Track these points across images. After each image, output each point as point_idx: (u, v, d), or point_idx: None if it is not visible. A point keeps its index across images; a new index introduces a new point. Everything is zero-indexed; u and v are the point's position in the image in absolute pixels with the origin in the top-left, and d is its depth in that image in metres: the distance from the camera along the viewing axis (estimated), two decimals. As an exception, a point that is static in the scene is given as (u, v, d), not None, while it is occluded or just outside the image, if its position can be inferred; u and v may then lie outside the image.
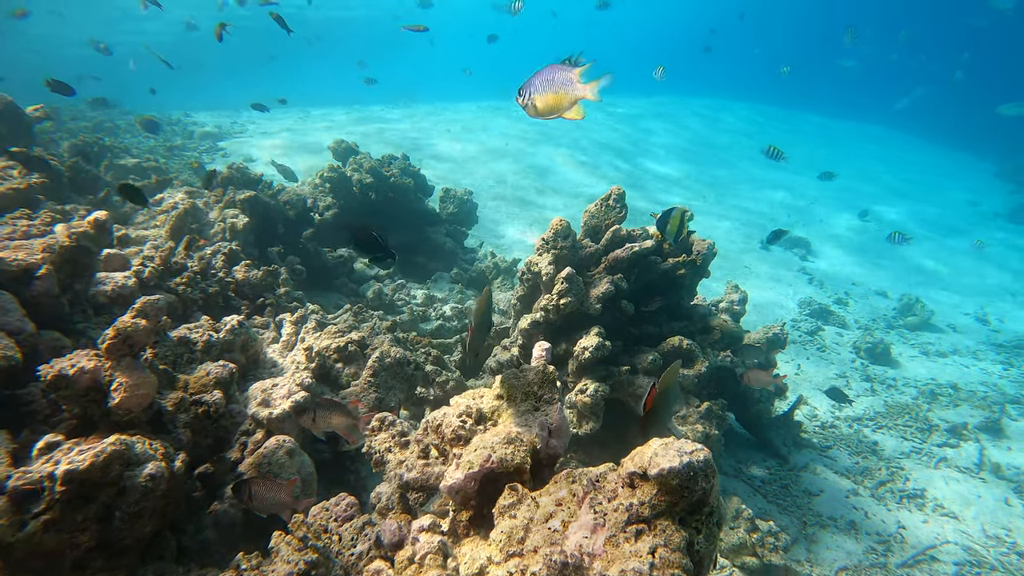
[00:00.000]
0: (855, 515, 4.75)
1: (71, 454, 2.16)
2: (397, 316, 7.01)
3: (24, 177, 4.93)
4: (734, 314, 6.25)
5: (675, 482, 1.48)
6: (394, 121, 18.92)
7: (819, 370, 7.59)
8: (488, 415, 2.22)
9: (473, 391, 2.39)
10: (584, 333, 4.74)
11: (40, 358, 2.80)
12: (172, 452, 2.46)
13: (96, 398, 2.45)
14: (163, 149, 11.63)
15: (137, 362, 2.48)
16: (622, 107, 24.81)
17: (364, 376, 4.31)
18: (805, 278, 11.18)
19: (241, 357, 3.73)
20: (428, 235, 8.63)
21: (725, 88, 32.58)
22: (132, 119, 12.44)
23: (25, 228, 3.25)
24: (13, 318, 2.65)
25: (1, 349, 2.39)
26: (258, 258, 6.28)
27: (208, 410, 2.71)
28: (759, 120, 27.27)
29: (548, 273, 4.70)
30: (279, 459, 3.13)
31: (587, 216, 5.21)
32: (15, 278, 2.86)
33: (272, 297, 4.96)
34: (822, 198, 16.59)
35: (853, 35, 13.59)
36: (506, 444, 1.97)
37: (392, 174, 8.23)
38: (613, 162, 17.00)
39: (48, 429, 2.54)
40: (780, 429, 5.97)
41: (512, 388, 2.25)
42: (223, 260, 4.83)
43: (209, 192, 6.96)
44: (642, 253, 4.87)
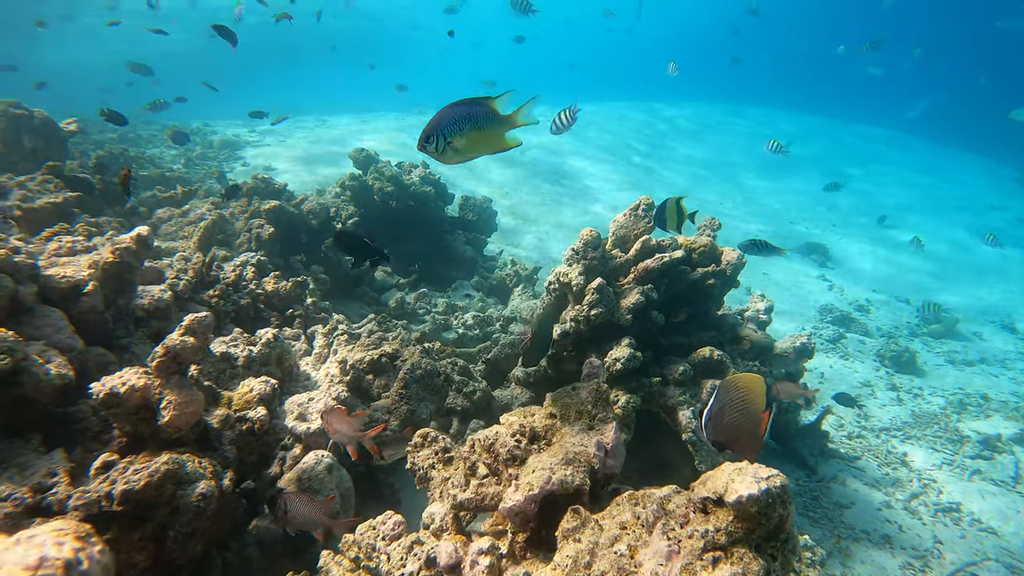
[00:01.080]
0: (889, 528, 4.69)
1: (127, 473, 2.17)
2: (420, 325, 7.02)
3: (60, 191, 4.98)
4: (760, 323, 6.20)
5: (754, 509, 1.46)
6: (415, 128, 18.92)
7: (843, 379, 7.52)
8: (541, 434, 2.21)
9: (523, 409, 2.38)
10: (614, 344, 4.72)
11: (88, 374, 2.82)
12: (220, 470, 2.47)
13: (146, 416, 2.46)
14: (184, 159, 11.73)
15: (185, 380, 2.49)
16: (639, 112, 24.81)
17: (395, 388, 4.32)
18: (824, 285, 11.09)
19: (276, 370, 3.74)
20: (448, 243, 8.64)
21: (737, 94, 32.44)
22: (164, 132, 12.56)
23: (70, 244, 3.27)
24: (64, 335, 2.67)
25: (56, 368, 2.41)
26: (283, 268, 6.32)
27: (253, 427, 2.71)
28: (778, 126, 27.14)
29: (578, 284, 4.69)
30: (318, 474, 3.13)
31: (615, 226, 5.20)
32: (64, 295, 2.89)
33: (301, 308, 4.98)
34: (840, 203, 16.47)
35: (871, 47, 13.47)
36: (565, 465, 1.96)
37: (412, 182, 8.25)
38: (630, 166, 16.97)
39: (99, 446, 2.55)
40: (807, 439, 5.92)
41: (566, 407, 2.24)
42: (253, 272, 4.86)
43: (233, 204, 7.01)
44: (672, 263, 4.84)
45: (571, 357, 5.03)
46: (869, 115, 31.68)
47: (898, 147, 26.62)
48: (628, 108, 26.28)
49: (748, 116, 28.24)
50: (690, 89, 30.48)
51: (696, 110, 27.32)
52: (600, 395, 2.23)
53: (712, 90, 33.03)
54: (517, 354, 5.87)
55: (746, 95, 32.96)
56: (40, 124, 6.33)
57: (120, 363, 3.09)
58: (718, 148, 21.44)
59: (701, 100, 29.96)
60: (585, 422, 2.18)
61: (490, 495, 2.13)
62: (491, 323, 7.33)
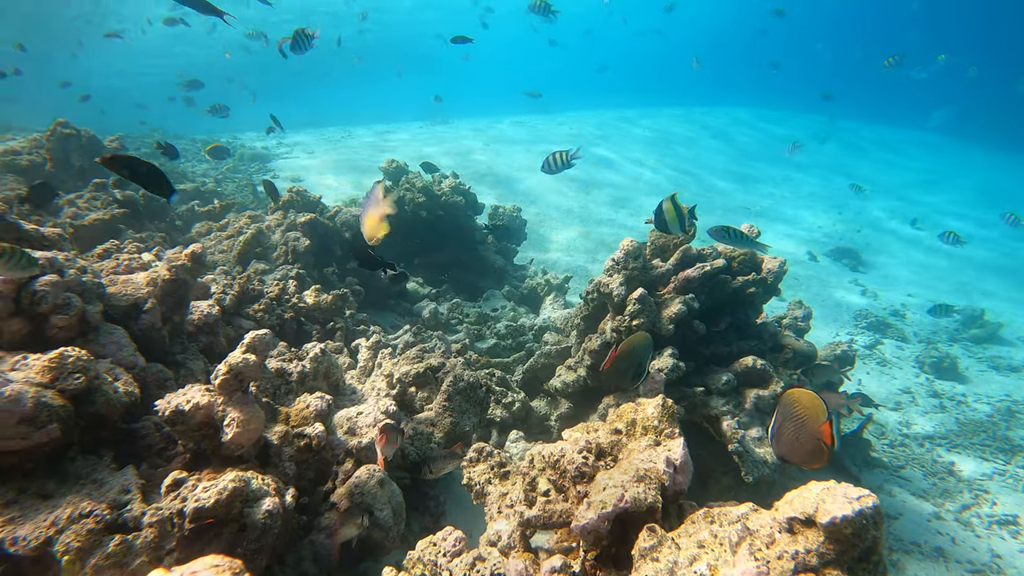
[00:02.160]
0: (941, 541, 4.58)
1: (196, 491, 2.20)
2: (453, 335, 7.05)
3: (108, 207, 5.09)
4: (798, 330, 6.12)
5: (848, 531, 1.44)
6: (454, 139, 19.03)
7: (881, 386, 7.38)
8: (607, 450, 2.20)
9: (586, 424, 2.37)
10: (656, 354, 4.69)
11: (148, 391, 2.87)
12: (282, 487, 2.49)
13: (209, 433, 2.49)
14: (217, 172, 11.93)
15: (248, 397, 2.52)
16: (662, 117, 24.73)
17: (438, 400, 4.33)
18: (858, 290, 10.92)
19: (323, 385, 3.77)
20: (479, 253, 8.67)
21: (760, 96, 32.19)
22: (193, 144, 12.81)
23: (127, 262, 3.34)
24: (127, 353, 2.72)
25: (123, 385, 2.45)
26: (318, 280, 6.38)
27: (310, 443, 2.74)
28: (804, 130, 26.88)
29: (619, 294, 4.67)
30: (371, 488, 3.15)
31: (654, 235, 5.18)
32: (125, 313, 2.95)
33: (342, 321, 5.02)
34: (869, 206, 16.23)
35: (895, 60, 13.22)
36: (636, 482, 1.94)
37: (443, 192, 8.30)
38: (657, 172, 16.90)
39: (162, 462, 2.59)
40: (849, 448, 5.82)
41: (631, 423, 2.23)
42: (294, 285, 4.91)
43: (273, 207, 7.10)
44: (712, 272, 4.81)
45: (611, 367, 5.01)
46: (898, 117, 31.27)
47: (928, 148, 26.20)
48: (659, 113, 26.25)
49: (770, 119, 28.01)
50: (718, 93, 30.39)
51: (730, 115, 27.20)
52: (666, 410, 2.21)
53: (738, 94, 32.89)
54: (554, 364, 5.86)
55: (770, 97, 32.70)
56: (87, 142, 6.49)
57: (177, 378, 3.14)
58: (743, 152, 21.28)
59: (731, 104, 29.85)
60: (651, 437, 2.17)
61: (558, 512, 2.12)
62: (524, 332, 7.32)
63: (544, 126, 22.84)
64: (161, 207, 6.23)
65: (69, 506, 2.07)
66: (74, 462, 2.28)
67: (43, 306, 2.49)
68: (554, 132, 21.63)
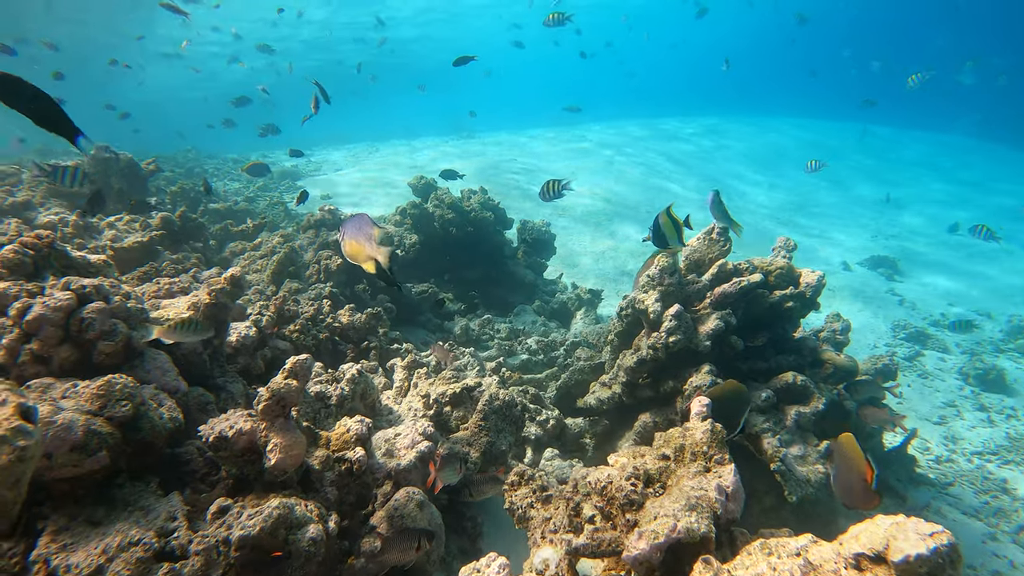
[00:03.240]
0: (998, 564, 4.40)
1: (241, 518, 2.20)
2: (485, 352, 7.03)
3: (145, 230, 5.19)
4: (837, 344, 5.98)
5: (924, 570, 1.37)
6: (481, 154, 19.13)
7: (924, 399, 7.17)
8: (655, 476, 2.15)
9: (632, 449, 2.32)
10: (693, 370, 4.62)
11: (190, 415, 2.89)
12: (325, 512, 2.48)
13: (252, 458, 2.50)
14: (248, 190, 12.13)
15: (290, 423, 2.52)
16: (691, 127, 24.58)
17: (474, 420, 4.30)
18: (895, 300, 10.66)
19: (360, 406, 3.77)
20: (509, 268, 8.66)
21: (791, 104, 31.83)
22: (224, 164, 13.07)
23: (167, 285, 3.39)
24: (170, 378, 2.75)
25: (167, 411, 2.47)
26: (350, 297, 6.42)
27: (351, 467, 2.73)
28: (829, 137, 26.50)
29: (655, 311, 4.61)
30: (410, 511, 3.12)
31: (688, 250, 5.11)
32: (167, 337, 2.98)
33: (376, 340, 5.03)
34: (903, 215, 15.88)
35: (920, 78, 12.91)
36: (688, 511, 1.89)
37: (472, 208, 8.32)
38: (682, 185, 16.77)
39: (206, 487, 2.60)
40: (893, 464, 5.64)
41: (679, 448, 2.17)
42: (329, 306, 4.94)
43: (304, 225, 7.19)
44: (749, 287, 4.72)
45: (646, 384, 4.94)
46: (930, 122, 30.68)
47: (963, 153, 25.61)
48: (685, 124, 26.11)
49: (808, 127, 27.68)
50: (747, 101, 30.17)
51: (759, 125, 26.97)
52: (715, 436, 2.15)
53: (766, 102, 32.60)
54: (587, 380, 5.80)
55: (800, 105, 32.33)
56: (125, 166, 6.65)
57: (217, 402, 3.16)
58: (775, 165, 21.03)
59: (762, 113, 29.59)
60: (701, 463, 2.11)
61: (607, 541, 2.07)
62: (555, 348, 7.27)
63: (568, 138, 22.86)
64: (197, 228, 6.34)
65: (119, 534, 2.08)
66: (122, 488, 2.30)
67: (90, 333, 2.53)
68: (577, 144, 21.62)
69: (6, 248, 2.62)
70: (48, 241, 2.77)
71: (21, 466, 1.38)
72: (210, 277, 4.44)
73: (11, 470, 1.40)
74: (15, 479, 1.39)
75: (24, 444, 1.40)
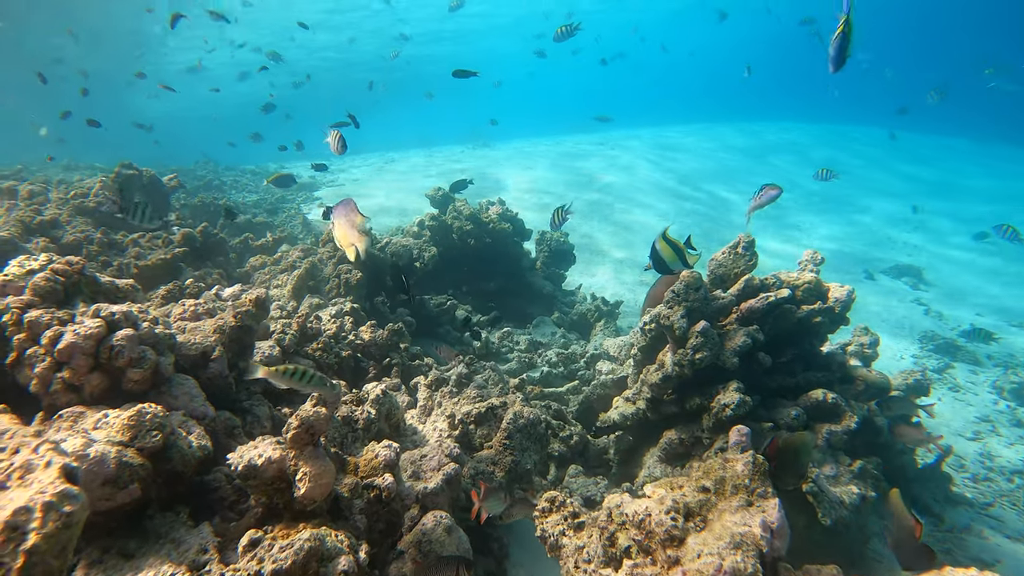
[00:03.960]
0: (1049, 592, 4.26)
1: (273, 551, 2.16)
2: (505, 365, 6.98)
3: (168, 247, 5.21)
4: (864, 358, 5.87)
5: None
6: (497, 164, 19.11)
7: (956, 413, 7.00)
8: (695, 509, 2.09)
9: (670, 480, 2.26)
10: (720, 387, 4.54)
11: (217, 439, 2.87)
12: (355, 542, 2.44)
13: (281, 487, 2.47)
14: (267, 203, 12.21)
15: (319, 451, 2.49)
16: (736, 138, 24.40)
17: (498, 438, 4.25)
18: (920, 310, 10.46)
19: (385, 426, 3.74)
20: (527, 279, 8.62)
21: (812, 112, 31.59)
22: (244, 177, 13.17)
23: (193, 307, 3.39)
24: (198, 404, 2.73)
25: (196, 439, 2.45)
26: (369, 311, 6.41)
27: (380, 494, 2.69)
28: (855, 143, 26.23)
29: (680, 327, 4.54)
30: (439, 536, 3.08)
31: (713, 264, 5.04)
32: (194, 362, 2.97)
33: (398, 356, 5.00)
34: (928, 222, 15.64)
35: (937, 93, 12.71)
36: (733, 550, 1.83)
37: (490, 219, 8.30)
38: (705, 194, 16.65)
39: (235, 516, 2.58)
40: (928, 483, 5.50)
41: (720, 480, 2.11)
42: (351, 322, 4.92)
43: (320, 249, 7.19)
44: (776, 303, 4.64)
45: (671, 400, 4.87)
46: (952, 128, 30.29)
47: (986, 158, 25.23)
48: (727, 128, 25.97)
49: (834, 133, 27.43)
50: (766, 108, 30.00)
51: (781, 127, 26.78)
52: (757, 468, 2.09)
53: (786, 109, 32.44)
54: (610, 395, 5.74)
55: (822, 112, 32.11)
56: (148, 182, 6.70)
57: (244, 425, 3.14)
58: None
59: (781, 119, 29.40)
60: (743, 497, 2.05)
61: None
62: (575, 360, 7.22)
63: (587, 146, 22.83)
64: (218, 243, 6.36)
65: (151, 568, 2.05)
66: (153, 520, 2.28)
67: (120, 360, 2.52)
68: (595, 151, 21.57)
69: (38, 276, 2.62)
70: (78, 267, 2.78)
71: (67, 532, 1.35)
72: (233, 296, 4.44)
73: (57, 538, 1.37)
74: (61, 547, 1.37)
75: (70, 510, 1.37)
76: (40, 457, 1.48)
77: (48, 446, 1.53)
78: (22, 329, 2.46)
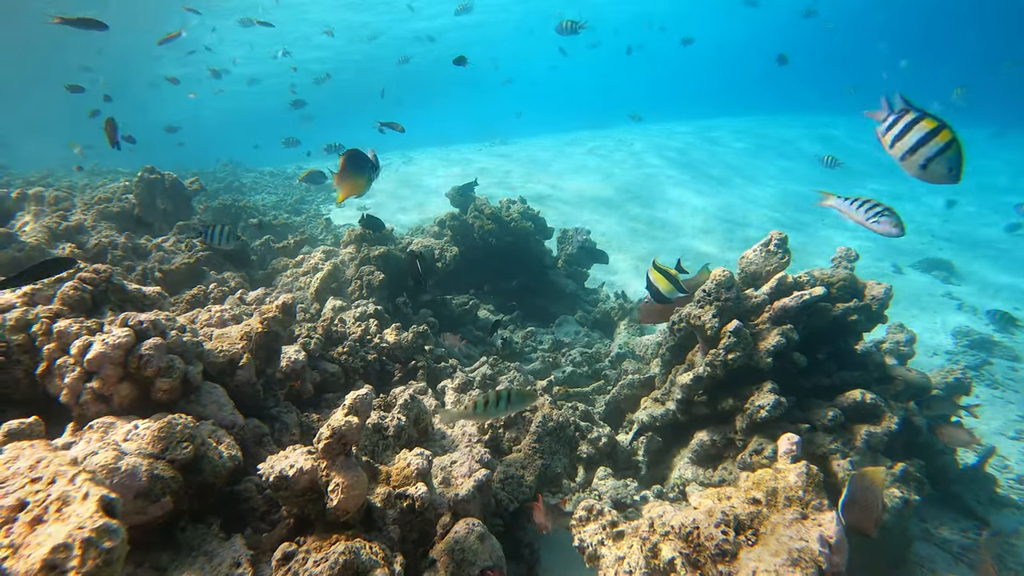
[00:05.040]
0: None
1: (307, 564, 2.11)
2: (529, 365, 6.90)
3: (191, 251, 5.20)
4: (901, 356, 5.69)
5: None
6: (516, 161, 19.01)
7: (997, 411, 6.80)
8: (746, 522, 1.99)
9: (716, 490, 2.17)
10: (754, 388, 4.42)
11: (246, 448, 2.82)
12: (390, 555, 2.38)
13: (312, 498, 2.41)
14: (286, 205, 12.23)
15: (351, 460, 2.43)
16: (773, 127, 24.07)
17: (527, 442, 4.18)
18: (953, 304, 10.20)
19: (413, 432, 3.67)
20: (549, 278, 8.53)
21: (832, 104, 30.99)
22: (263, 178, 13.21)
23: (219, 313, 3.35)
24: (227, 412, 2.69)
25: (226, 449, 2.40)
26: (392, 312, 6.36)
27: (413, 504, 2.62)
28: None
29: (712, 327, 4.43)
30: (471, 544, 3.01)
31: (744, 262, 4.92)
32: (221, 370, 2.93)
33: (423, 359, 4.94)
34: (957, 214, 15.28)
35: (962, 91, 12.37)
36: (791, 567, 1.73)
37: (512, 218, 8.21)
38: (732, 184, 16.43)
39: (266, 527, 2.53)
40: (970, 484, 5.33)
41: (772, 492, 2.01)
42: (376, 325, 4.87)
43: (342, 251, 7.17)
44: (811, 301, 4.51)
45: (703, 402, 4.76)
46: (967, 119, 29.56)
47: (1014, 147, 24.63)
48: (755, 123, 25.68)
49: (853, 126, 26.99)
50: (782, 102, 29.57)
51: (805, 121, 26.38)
52: (812, 479, 1.99)
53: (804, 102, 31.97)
54: (637, 395, 5.64)
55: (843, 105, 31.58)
56: (170, 186, 6.71)
57: (272, 433, 3.09)
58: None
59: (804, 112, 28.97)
60: (797, 510, 1.95)
61: (697, 595, 1.92)
62: (599, 359, 7.12)
63: (601, 140, 22.66)
64: (240, 247, 6.35)
65: (183, 584, 2.00)
66: (184, 532, 2.23)
67: (149, 370, 2.48)
68: (603, 145, 21.40)
69: (67, 285, 2.59)
70: (106, 276, 2.74)
71: (108, 569, 1.30)
72: (257, 299, 4.41)
73: (99, 576, 1.33)
74: (104, 586, 1.32)
75: (111, 545, 1.32)
76: (77, 489, 1.43)
77: (85, 476, 1.47)
78: (52, 339, 2.43)
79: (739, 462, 4.43)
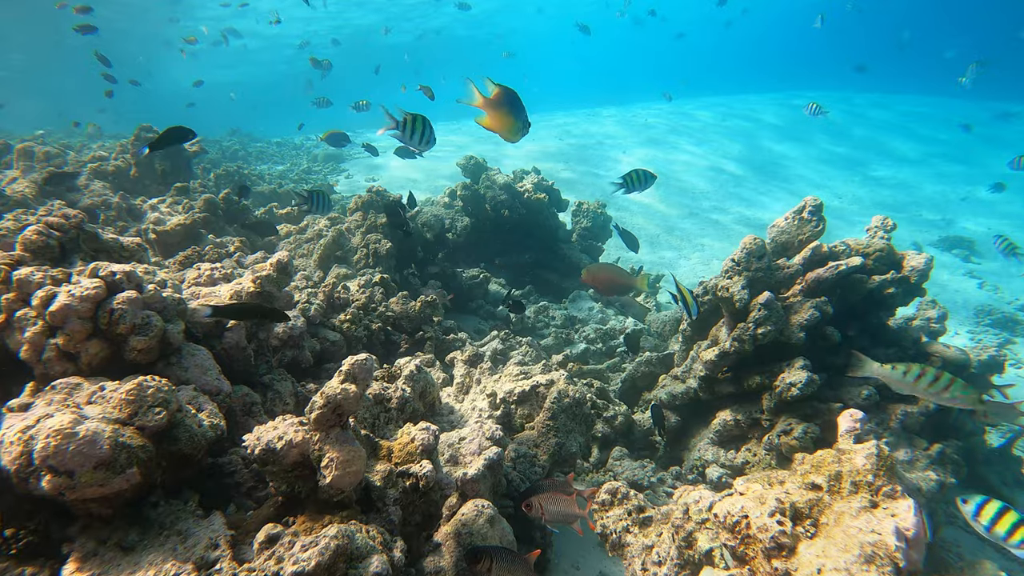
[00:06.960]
0: None
1: (294, 550, 1.84)
2: (542, 340, 6.62)
3: (189, 212, 4.91)
4: (931, 333, 5.37)
5: None
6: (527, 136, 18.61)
7: (1019, 392, 6.47)
8: (804, 511, 1.70)
9: (766, 473, 1.88)
10: (785, 365, 4.12)
11: (234, 417, 2.56)
12: (389, 539, 2.11)
13: (303, 474, 2.15)
14: (293, 175, 11.93)
15: (347, 434, 2.15)
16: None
17: (541, 419, 3.90)
18: (974, 283, 9.82)
19: (419, 405, 3.40)
20: (563, 251, 8.20)
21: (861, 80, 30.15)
22: (273, 145, 12.88)
23: (209, 272, 3.07)
24: (211, 377, 2.41)
25: (207, 417, 2.13)
26: (399, 283, 6.08)
27: (417, 483, 2.35)
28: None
29: (741, 299, 4.11)
30: (480, 528, 2.74)
31: (775, 231, 4.59)
32: (208, 330, 2.65)
33: (431, 330, 4.66)
34: (977, 192, 14.78)
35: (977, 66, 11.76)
36: (864, 564, 1.45)
37: (525, 190, 7.88)
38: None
39: (252, 503, 2.26)
40: (997, 465, 5.05)
41: (835, 476, 1.72)
42: (381, 293, 4.59)
43: (348, 219, 6.87)
44: (847, 272, 4.19)
45: (727, 379, 4.47)
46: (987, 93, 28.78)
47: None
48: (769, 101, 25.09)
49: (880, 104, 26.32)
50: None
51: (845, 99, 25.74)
52: (882, 461, 1.70)
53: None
54: (655, 372, 5.35)
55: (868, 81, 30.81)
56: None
57: (264, 402, 2.83)
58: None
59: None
60: (865, 497, 1.66)
61: (746, 594, 1.64)
62: (614, 336, 6.83)
63: (617, 114, 22.16)
64: (241, 211, 6.06)
65: (151, 567, 1.74)
66: (156, 508, 1.97)
67: (122, 326, 2.21)
68: (603, 123, 20.92)
69: (29, 229, 2.31)
70: (76, 222, 2.46)
71: None
72: (255, 262, 4.13)
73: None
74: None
75: None
76: None
77: None
78: (11, 288, 2.16)
79: (765, 443, 4.15)
